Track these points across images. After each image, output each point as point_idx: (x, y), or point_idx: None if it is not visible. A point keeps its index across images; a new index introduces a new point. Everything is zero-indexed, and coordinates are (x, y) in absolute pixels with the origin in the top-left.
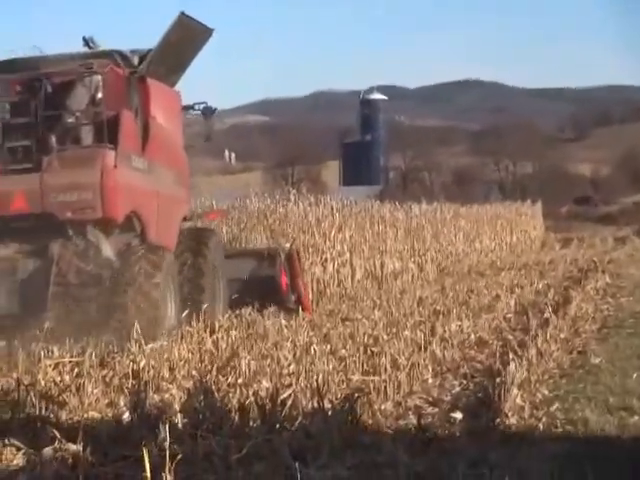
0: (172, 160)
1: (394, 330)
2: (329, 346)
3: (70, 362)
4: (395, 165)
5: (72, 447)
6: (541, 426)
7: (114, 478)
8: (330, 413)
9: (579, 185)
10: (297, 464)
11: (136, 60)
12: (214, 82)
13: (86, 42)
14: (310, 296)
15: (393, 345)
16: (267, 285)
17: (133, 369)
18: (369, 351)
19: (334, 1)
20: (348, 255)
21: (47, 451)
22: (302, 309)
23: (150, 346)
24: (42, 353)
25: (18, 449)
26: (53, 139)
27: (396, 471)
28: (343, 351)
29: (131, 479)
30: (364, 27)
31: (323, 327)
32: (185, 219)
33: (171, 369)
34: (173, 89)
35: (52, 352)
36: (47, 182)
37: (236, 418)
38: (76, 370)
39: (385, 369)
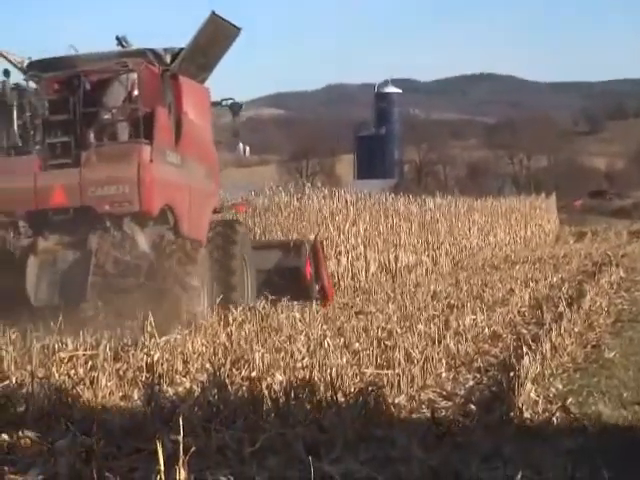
0: (203, 154)
1: (408, 324)
2: (343, 340)
3: (84, 355)
4: (409, 158)
5: (86, 440)
6: (555, 420)
7: (128, 471)
8: (344, 407)
9: (593, 179)
10: (310, 458)
11: (168, 58)
12: (230, 75)
13: (119, 41)
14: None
15: (407, 339)
16: (293, 275)
17: (147, 362)
18: (383, 345)
19: None
20: (362, 248)
21: (61, 444)
22: (325, 298)
23: (164, 339)
24: (56, 346)
25: (32, 442)
26: (91, 135)
27: (410, 465)
28: (357, 345)
29: (145, 472)
30: (376, 20)
31: (337, 320)
32: (215, 211)
33: (185, 362)
34: (203, 86)
35: (66, 345)
36: (86, 177)
37: (250, 411)
38: (90, 363)
39: (399, 363)
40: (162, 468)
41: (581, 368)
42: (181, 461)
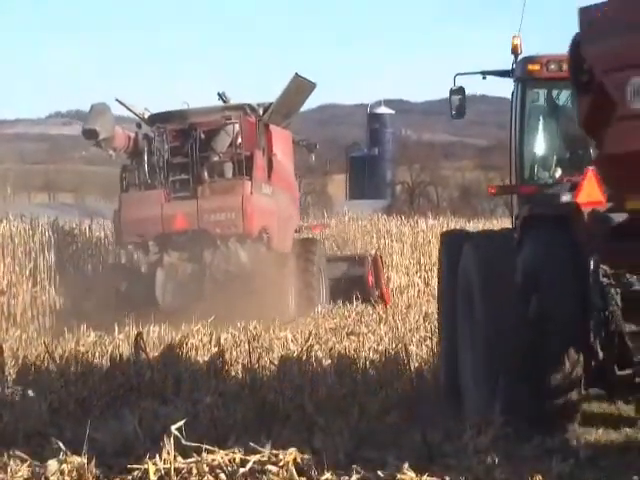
0: (287, 186)
1: (400, 345)
2: (335, 361)
3: (75, 373)
4: (401, 179)
5: (77, 459)
6: (547, 443)
7: None
8: (335, 428)
9: None
10: (302, 479)
11: (261, 111)
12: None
13: (220, 96)
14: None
15: (399, 360)
16: (357, 283)
17: (138, 381)
18: (374, 366)
19: (338, 16)
20: None
21: (52, 463)
22: (383, 301)
23: (155, 355)
24: (47, 364)
25: (23, 461)
26: (205, 173)
27: None
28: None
29: None
30: (367, 41)
31: (329, 341)
32: (295, 231)
33: (177, 381)
34: (286, 130)
35: (57, 362)
36: (202, 206)
37: (241, 432)
38: (81, 381)
39: (391, 384)
40: None
41: None
42: None
